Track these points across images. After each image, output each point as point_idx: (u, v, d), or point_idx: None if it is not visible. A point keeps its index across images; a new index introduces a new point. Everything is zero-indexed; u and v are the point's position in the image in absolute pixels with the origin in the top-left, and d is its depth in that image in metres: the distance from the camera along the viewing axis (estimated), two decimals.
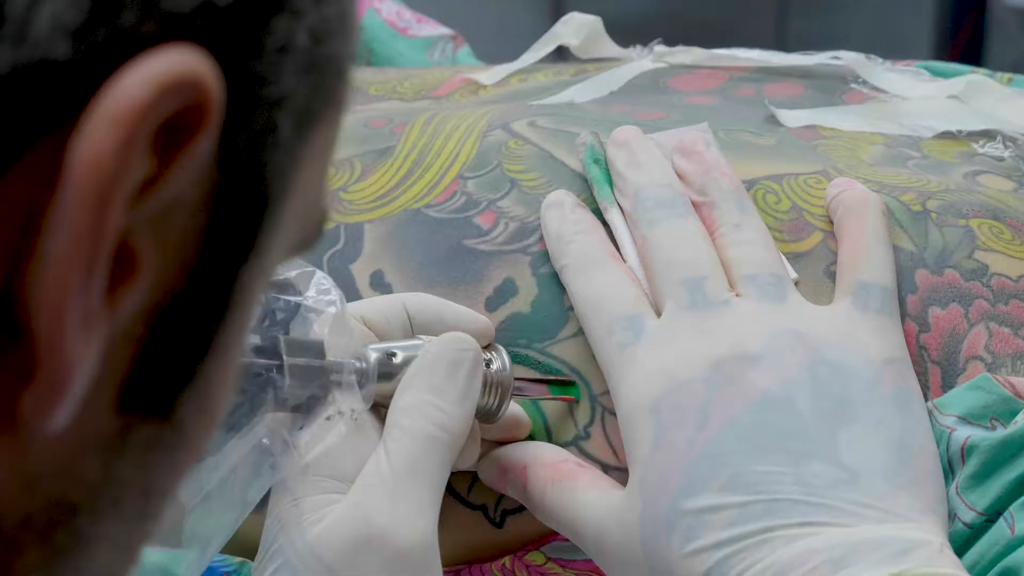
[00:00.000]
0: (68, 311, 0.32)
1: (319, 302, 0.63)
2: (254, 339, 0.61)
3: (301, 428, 0.63)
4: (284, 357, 0.61)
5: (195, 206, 0.35)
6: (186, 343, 0.36)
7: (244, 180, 0.35)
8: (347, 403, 0.63)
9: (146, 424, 0.36)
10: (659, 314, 0.67)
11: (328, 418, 0.63)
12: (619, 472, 0.67)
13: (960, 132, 0.78)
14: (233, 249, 0.36)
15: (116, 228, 0.33)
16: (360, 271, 0.73)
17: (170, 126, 0.33)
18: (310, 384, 0.62)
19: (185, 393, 0.36)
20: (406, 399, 0.64)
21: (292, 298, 0.63)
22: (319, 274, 0.64)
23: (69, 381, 0.33)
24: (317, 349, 0.62)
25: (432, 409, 0.63)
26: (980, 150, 0.77)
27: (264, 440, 0.62)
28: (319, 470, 0.63)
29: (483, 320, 0.69)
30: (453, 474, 0.70)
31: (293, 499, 0.63)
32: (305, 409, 0.63)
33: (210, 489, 0.62)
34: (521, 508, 0.69)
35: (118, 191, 0.32)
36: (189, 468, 0.38)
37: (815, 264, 0.69)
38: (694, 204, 0.69)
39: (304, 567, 0.61)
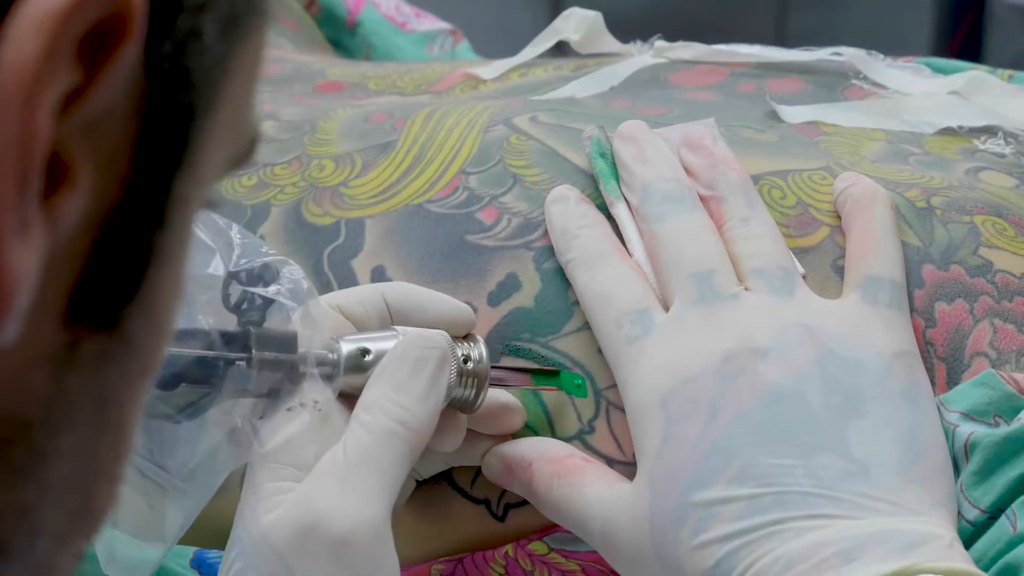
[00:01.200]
0: (4, 221, 0.33)
1: (286, 294, 0.64)
2: (227, 327, 0.62)
3: (262, 417, 0.63)
4: (253, 351, 0.62)
5: (126, 115, 0.35)
6: (128, 254, 0.36)
7: (172, 87, 0.36)
8: (312, 394, 0.63)
9: (94, 337, 0.36)
10: (667, 308, 0.67)
11: (289, 409, 0.63)
12: (624, 466, 0.67)
13: (961, 128, 0.78)
14: (166, 158, 0.36)
15: (46, 136, 0.33)
16: (361, 267, 0.73)
17: (94, 35, 0.33)
18: (277, 376, 0.62)
19: (131, 305, 0.37)
20: (370, 395, 0.64)
21: (261, 291, 0.63)
22: (291, 265, 0.65)
23: (12, 293, 0.33)
24: (289, 341, 0.63)
25: (393, 406, 0.63)
26: (981, 146, 0.77)
27: (235, 425, 0.63)
28: (280, 458, 0.63)
29: (465, 308, 0.68)
30: (456, 469, 0.70)
31: (253, 487, 0.63)
32: (272, 397, 0.63)
33: (183, 474, 0.62)
34: (524, 502, 0.69)
35: (44, 98, 0.33)
36: (143, 382, 0.39)
37: (822, 259, 0.69)
38: (701, 198, 0.69)
39: (256, 553, 0.61)
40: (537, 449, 0.68)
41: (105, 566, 0.64)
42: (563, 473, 0.66)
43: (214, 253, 0.63)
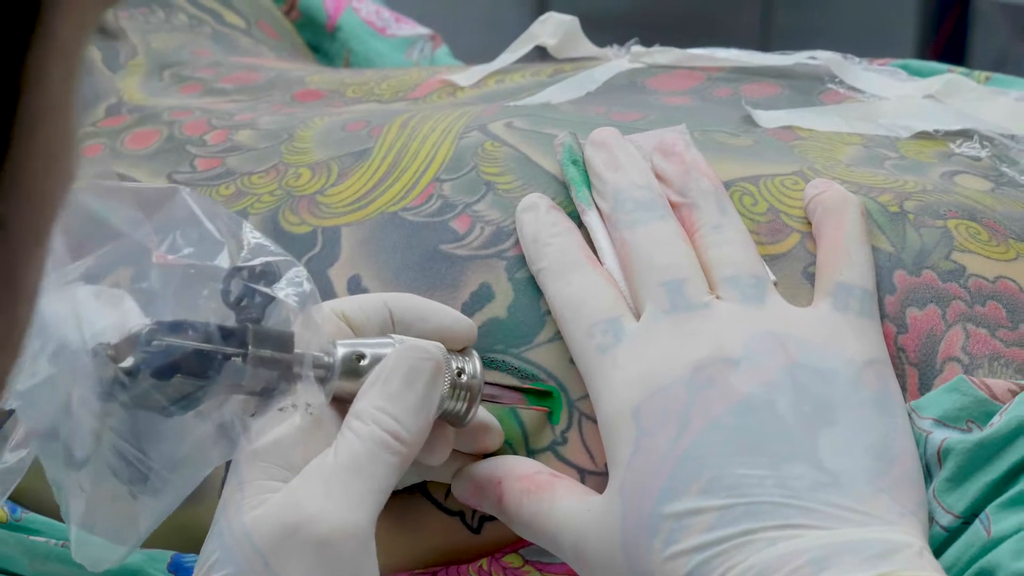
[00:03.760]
0: None
1: (290, 295, 0.64)
2: (226, 322, 0.62)
3: (253, 415, 0.63)
4: (250, 348, 0.62)
5: None
6: None
7: None
8: (305, 396, 0.63)
9: None
10: (638, 317, 0.67)
11: (281, 409, 0.63)
12: (596, 477, 0.67)
13: (937, 132, 0.78)
14: (10, 34, 0.34)
15: None
16: (338, 276, 0.72)
17: None
18: (272, 374, 0.62)
19: None
20: (362, 403, 0.63)
21: (264, 289, 0.63)
22: (296, 267, 0.65)
23: None
24: (285, 341, 0.63)
25: (385, 417, 0.63)
26: (957, 150, 0.77)
27: (225, 420, 0.63)
28: (268, 457, 0.63)
29: (466, 322, 0.68)
30: (430, 482, 0.70)
31: (238, 482, 0.63)
32: (265, 396, 0.63)
33: (169, 465, 0.62)
34: None
35: None
36: (34, 259, 0.37)
37: (793, 265, 0.69)
38: (673, 205, 0.69)
39: (237, 549, 0.61)
40: (505, 467, 0.67)
41: (75, 555, 0.64)
42: (533, 490, 0.66)
43: (222, 246, 0.63)
